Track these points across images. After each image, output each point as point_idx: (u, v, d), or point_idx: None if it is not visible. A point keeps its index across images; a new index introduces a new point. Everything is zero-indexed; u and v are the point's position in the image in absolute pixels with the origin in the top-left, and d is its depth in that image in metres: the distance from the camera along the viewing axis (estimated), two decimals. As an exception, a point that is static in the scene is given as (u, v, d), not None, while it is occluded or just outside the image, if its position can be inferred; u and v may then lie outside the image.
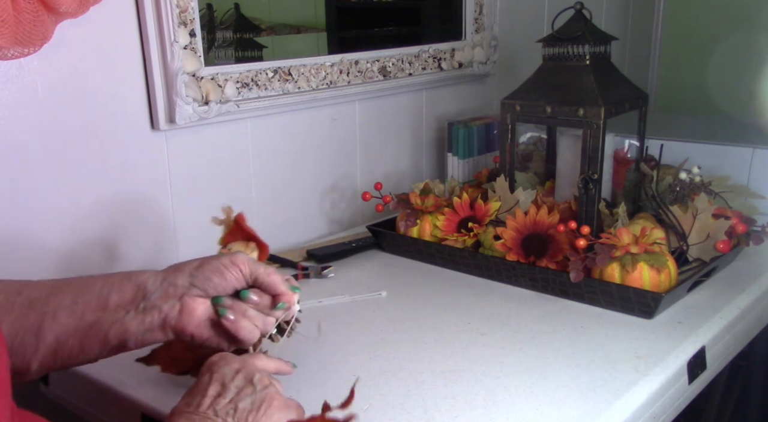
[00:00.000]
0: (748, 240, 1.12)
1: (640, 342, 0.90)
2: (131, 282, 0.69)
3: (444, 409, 0.76)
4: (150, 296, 0.69)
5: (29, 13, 0.83)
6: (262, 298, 0.72)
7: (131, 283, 0.69)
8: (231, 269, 0.70)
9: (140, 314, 0.68)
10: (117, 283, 0.69)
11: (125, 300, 0.68)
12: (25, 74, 0.95)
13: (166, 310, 0.68)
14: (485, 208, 1.17)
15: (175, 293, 0.69)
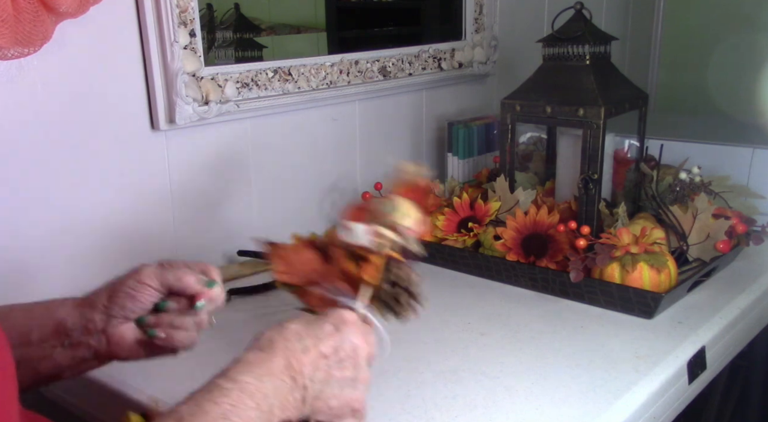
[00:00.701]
0: (748, 240, 1.12)
1: (640, 342, 0.90)
2: (50, 319, 0.68)
3: (444, 409, 0.76)
4: (72, 333, 0.68)
5: (29, 13, 0.83)
6: (181, 302, 0.70)
7: (50, 319, 0.68)
8: (140, 289, 0.68)
9: (68, 350, 0.68)
10: (36, 319, 0.68)
11: (47, 336, 0.68)
12: (25, 74, 0.95)
13: (94, 344, 0.68)
14: (485, 208, 1.17)
15: (96, 327, 0.68)
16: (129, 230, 1.09)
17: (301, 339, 0.60)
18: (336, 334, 0.62)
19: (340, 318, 0.64)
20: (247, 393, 0.53)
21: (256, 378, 0.55)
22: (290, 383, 0.57)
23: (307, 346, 0.59)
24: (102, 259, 1.07)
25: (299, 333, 0.60)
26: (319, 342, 0.60)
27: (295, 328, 0.61)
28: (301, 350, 0.59)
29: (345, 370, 0.61)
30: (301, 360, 0.59)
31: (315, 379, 0.59)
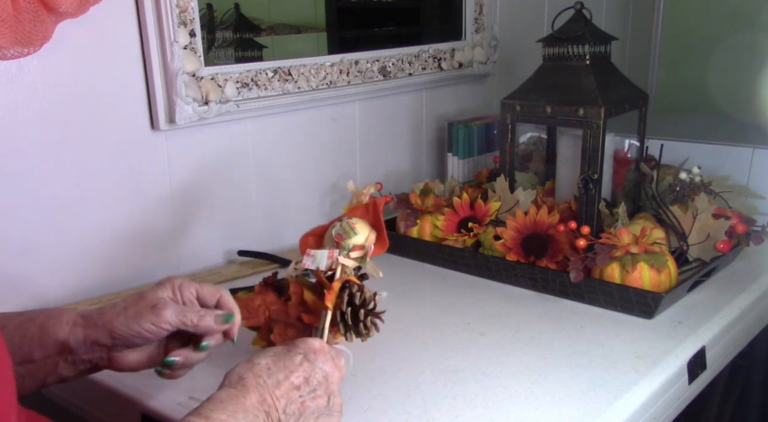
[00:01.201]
0: (748, 240, 1.12)
1: (640, 342, 0.90)
2: (51, 338, 0.67)
3: (444, 409, 0.76)
4: (76, 352, 0.68)
5: (29, 13, 0.82)
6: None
7: (51, 339, 0.67)
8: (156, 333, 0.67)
9: (71, 365, 0.68)
10: (36, 339, 0.67)
11: (49, 354, 0.67)
12: (25, 74, 0.95)
13: (98, 360, 0.68)
14: (485, 208, 1.17)
15: (101, 349, 0.68)
16: (129, 229, 1.09)
17: (272, 374, 0.60)
18: (306, 363, 0.62)
19: (309, 347, 0.64)
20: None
21: (229, 415, 0.55)
22: (264, 418, 0.57)
23: (279, 380, 0.60)
24: (102, 258, 1.07)
25: (269, 367, 0.60)
26: (291, 373, 0.61)
27: (264, 363, 0.61)
28: (273, 384, 0.59)
29: (318, 399, 0.62)
30: (274, 394, 0.59)
31: (289, 412, 0.59)
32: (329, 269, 0.77)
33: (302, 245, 0.83)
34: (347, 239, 0.79)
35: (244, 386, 0.58)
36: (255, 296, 0.80)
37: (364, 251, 0.80)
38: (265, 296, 0.81)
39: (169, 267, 1.15)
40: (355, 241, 0.79)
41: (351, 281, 0.75)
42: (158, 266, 1.14)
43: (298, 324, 0.79)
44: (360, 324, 0.74)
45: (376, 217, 0.83)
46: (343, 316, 0.74)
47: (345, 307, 0.73)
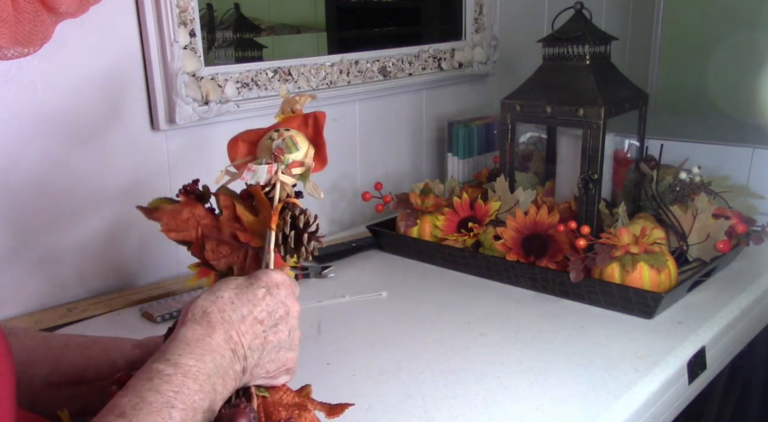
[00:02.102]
0: (748, 240, 1.12)
1: (640, 342, 0.90)
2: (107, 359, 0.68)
3: (444, 409, 0.76)
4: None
5: (29, 13, 0.82)
6: None
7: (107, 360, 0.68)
8: None
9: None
10: (94, 358, 0.68)
11: (102, 374, 0.68)
12: (25, 74, 0.95)
13: None
14: (485, 208, 1.17)
15: None
16: (129, 229, 1.09)
17: (236, 308, 0.58)
18: (269, 297, 0.60)
19: (272, 281, 0.62)
20: (190, 377, 0.52)
21: (197, 359, 0.53)
22: (230, 356, 0.56)
23: (243, 314, 0.58)
24: (102, 257, 1.07)
25: (233, 301, 0.59)
26: (254, 307, 0.59)
27: (228, 296, 0.59)
28: (238, 319, 0.58)
29: (280, 333, 0.60)
30: (239, 329, 0.57)
31: (253, 347, 0.58)
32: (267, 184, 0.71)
33: (231, 151, 0.76)
34: (288, 154, 0.72)
35: (209, 323, 0.56)
36: (182, 208, 0.73)
37: (305, 167, 0.73)
38: (193, 208, 0.73)
39: (169, 267, 1.15)
40: (296, 157, 0.73)
41: (291, 202, 0.71)
42: (159, 265, 1.14)
43: (233, 241, 0.73)
44: (302, 247, 0.70)
45: (318, 133, 0.76)
46: (285, 239, 0.69)
47: (288, 230, 0.69)
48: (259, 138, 0.75)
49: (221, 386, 0.54)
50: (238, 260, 0.70)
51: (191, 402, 0.50)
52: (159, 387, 0.50)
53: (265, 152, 0.73)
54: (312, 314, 1.01)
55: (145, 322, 1.00)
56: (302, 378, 0.84)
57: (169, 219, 0.72)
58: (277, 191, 0.70)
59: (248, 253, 0.72)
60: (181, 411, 0.49)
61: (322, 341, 0.93)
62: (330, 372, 0.86)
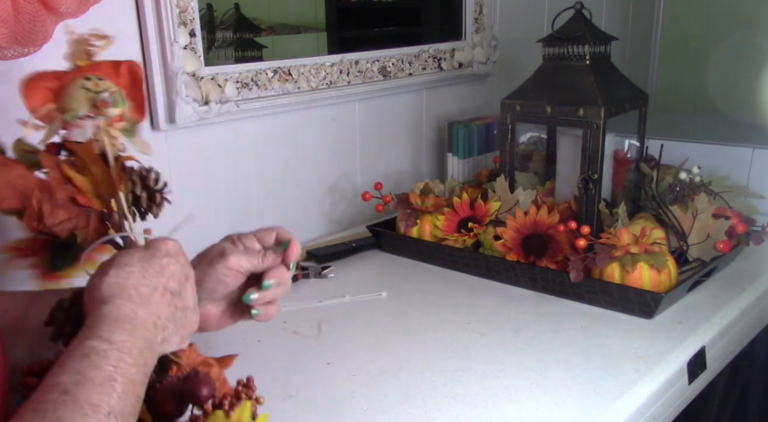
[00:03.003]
0: (748, 240, 1.12)
1: (640, 342, 0.90)
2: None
3: (444, 409, 0.76)
4: None
5: (29, 13, 0.82)
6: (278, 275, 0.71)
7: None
8: (230, 275, 0.70)
9: None
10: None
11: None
12: (25, 74, 0.94)
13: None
14: (485, 208, 1.17)
15: None
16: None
17: (148, 281, 0.59)
18: (171, 266, 0.61)
19: (171, 249, 0.62)
20: (125, 352, 0.52)
21: (129, 334, 0.54)
22: (153, 329, 0.57)
23: (155, 286, 0.59)
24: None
25: (143, 274, 0.59)
26: (162, 277, 0.60)
27: (138, 270, 0.59)
28: (151, 292, 0.58)
29: (186, 299, 0.61)
30: (157, 302, 0.58)
31: (168, 317, 0.59)
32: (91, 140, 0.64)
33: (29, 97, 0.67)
34: (112, 108, 0.65)
35: (130, 297, 0.57)
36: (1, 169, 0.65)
37: (129, 122, 0.67)
38: (11, 169, 0.65)
39: (169, 267, 1.15)
40: (117, 111, 0.66)
41: (131, 159, 0.67)
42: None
43: (69, 205, 0.66)
44: (153, 206, 0.68)
45: (136, 85, 0.69)
46: (137, 201, 0.67)
47: (140, 190, 0.66)
48: (62, 84, 0.66)
49: (150, 359, 0.56)
50: (80, 226, 0.66)
51: (129, 375, 0.51)
52: (98, 362, 0.50)
53: (80, 102, 0.65)
54: (312, 314, 1.01)
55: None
56: (302, 377, 0.84)
57: None
58: (108, 147, 0.64)
59: (90, 217, 0.66)
60: (122, 384, 0.50)
61: (322, 341, 0.93)
62: (330, 372, 0.86)
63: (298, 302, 1.05)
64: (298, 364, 0.87)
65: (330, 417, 0.76)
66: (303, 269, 1.16)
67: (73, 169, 0.66)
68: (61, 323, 0.63)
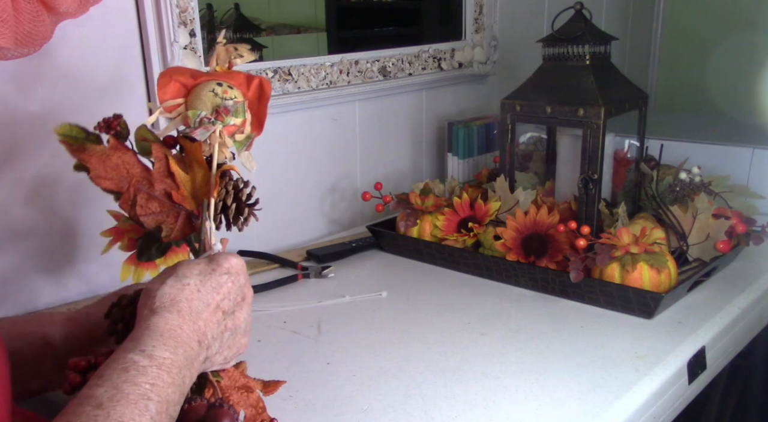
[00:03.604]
0: (748, 240, 1.12)
1: (640, 342, 0.90)
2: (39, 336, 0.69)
3: (444, 409, 0.76)
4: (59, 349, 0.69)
5: (29, 13, 0.82)
6: None
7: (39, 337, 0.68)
8: None
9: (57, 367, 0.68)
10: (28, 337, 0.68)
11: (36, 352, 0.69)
12: (25, 74, 0.95)
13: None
14: (485, 208, 1.17)
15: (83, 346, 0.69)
16: (129, 230, 1.09)
17: (201, 296, 0.58)
18: (230, 284, 0.60)
19: (233, 267, 0.62)
20: (164, 370, 0.52)
21: (171, 351, 0.53)
22: (197, 347, 0.56)
23: (208, 302, 0.58)
24: (104, 258, 1.07)
25: (199, 288, 0.59)
26: (218, 295, 0.59)
27: (194, 283, 0.59)
28: (203, 308, 0.58)
29: (237, 320, 0.61)
30: (205, 319, 0.58)
31: (215, 336, 0.58)
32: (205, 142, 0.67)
33: (162, 88, 0.70)
34: (232, 117, 0.67)
35: (179, 312, 0.57)
36: (111, 153, 0.67)
37: (246, 135, 0.69)
38: (122, 154, 0.68)
39: (169, 267, 1.15)
40: (236, 122, 0.68)
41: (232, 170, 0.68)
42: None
43: (164, 199, 0.68)
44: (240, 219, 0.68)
45: (262, 101, 0.70)
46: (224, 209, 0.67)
47: (231, 201, 0.66)
48: (195, 83, 0.69)
49: (189, 378, 0.55)
50: (168, 221, 0.66)
51: (165, 394, 0.51)
52: (135, 378, 0.50)
53: (204, 105, 0.67)
54: (312, 314, 1.01)
55: (145, 322, 0.99)
56: (302, 378, 0.84)
57: (98, 163, 0.66)
58: (216, 154, 0.66)
59: (180, 215, 0.67)
60: (157, 404, 0.49)
61: (322, 341, 0.93)
62: (330, 372, 0.86)
63: (298, 302, 1.05)
64: (298, 364, 0.87)
65: (330, 417, 0.76)
66: (303, 269, 1.16)
67: (179, 165, 0.67)
68: (116, 319, 0.64)
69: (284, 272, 1.16)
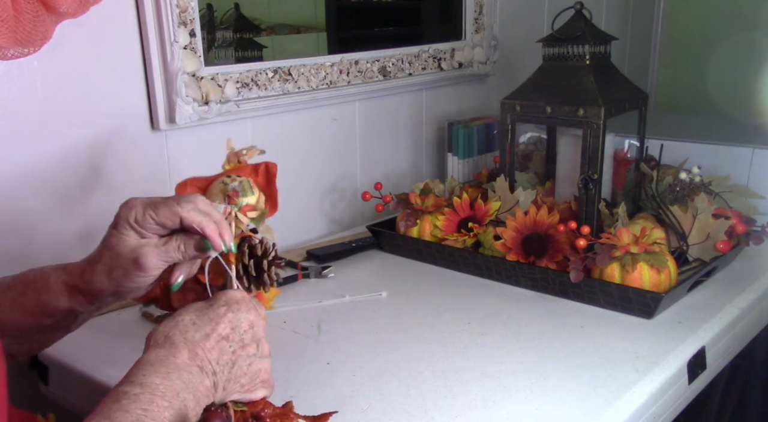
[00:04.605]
0: (748, 240, 1.12)
1: (640, 342, 0.90)
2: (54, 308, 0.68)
3: (444, 409, 0.76)
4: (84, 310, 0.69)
5: (29, 13, 0.83)
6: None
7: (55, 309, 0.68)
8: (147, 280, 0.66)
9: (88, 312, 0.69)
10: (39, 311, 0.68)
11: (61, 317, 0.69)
12: (25, 74, 0.95)
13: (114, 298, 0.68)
14: (485, 208, 1.17)
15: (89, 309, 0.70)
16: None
17: (198, 328, 0.59)
18: (230, 313, 0.61)
19: (231, 298, 0.62)
20: (158, 395, 0.52)
21: (163, 377, 0.53)
22: (198, 373, 0.56)
23: (207, 333, 0.59)
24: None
25: (194, 322, 0.59)
26: (217, 325, 0.59)
27: (189, 318, 0.59)
28: (201, 338, 0.58)
29: (248, 347, 0.61)
30: (204, 346, 0.58)
31: (222, 363, 0.58)
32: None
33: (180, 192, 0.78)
34: (242, 198, 0.74)
35: (172, 344, 0.57)
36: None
37: (259, 211, 0.76)
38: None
39: (169, 267, 1.15)
40: (249, 201, 0.75)
41: (247, 235, 0.73)
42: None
43: (196, 286, 0.74)
44: (264, 274, 0.71)
45: (270, 182, 0.79)
46: (246, 269, 0.70)
47: (248, 260, 0.70)
48: (209, 184, 0.77)
49: (192, 401, 0.55)
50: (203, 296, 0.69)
51: (161, 418, 0.50)
52: (127, 407, 0.50)
53: (218, 195, 0.74)
54: (312, 314, 1.01)
55: (145, 322, 1.00)
56: (302, 378, 0.84)
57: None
58: (233, 227, 0.71)
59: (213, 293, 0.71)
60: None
61: (322, 341, 0.93)
62: (330, 372, 0.86)
63: (298, 302, 1.05)
64: (298, 364, 0.87)
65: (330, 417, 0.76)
66: (303, 269, 1.16)
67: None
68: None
69: (284, 272, 1.16)
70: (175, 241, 0.65)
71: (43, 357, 0.93)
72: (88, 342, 0.92)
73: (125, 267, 0.64)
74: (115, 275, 0.65)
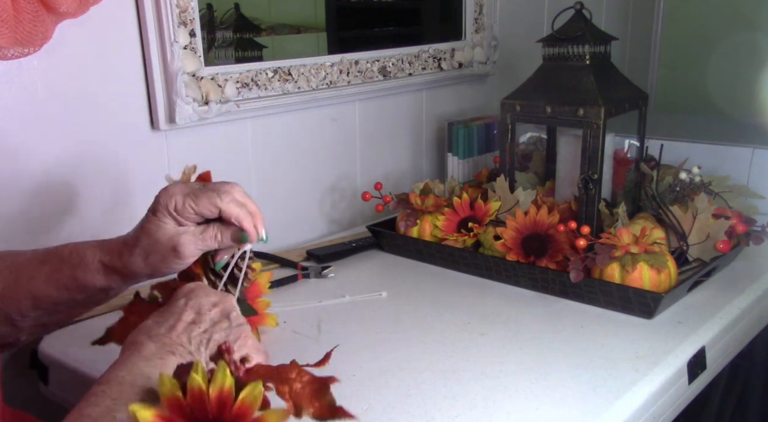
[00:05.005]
0: (748, 240, 1.12)
1: (640, 342, 0.90)
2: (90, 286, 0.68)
3: (444, 409, 0.76)
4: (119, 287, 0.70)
5: (29, 13, 0.83)
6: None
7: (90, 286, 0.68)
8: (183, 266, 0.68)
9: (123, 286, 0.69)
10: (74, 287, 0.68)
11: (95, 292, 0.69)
12: (24, 74, 0.95)
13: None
14: (485, 208, 1.17)
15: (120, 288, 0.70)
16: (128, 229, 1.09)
17: (161, 324, 0.59)
18: (190, 302, 0.61)
19: (186, 289, 0.63)
20: (126, 384, 0.51)
21: (128, 370, 0.53)
22: (172, 357, 0.56)
23: (172, 324, 0.59)
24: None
25: (156, 321, 0.59)
26: (180, 315, 0.59)
27: (151, 320, 0.60)
28: (167, 330, 0.58)
29: (220, 322, 0.61)
30: (171, 337, 0.57)
31: (195, 342, 0.58)
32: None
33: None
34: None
35: (137, 343, 0.57)
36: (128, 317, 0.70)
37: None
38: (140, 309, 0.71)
39: (169, 267, 1.15)
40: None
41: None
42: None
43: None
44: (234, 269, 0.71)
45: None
46: (216, 273, 0.70)
47: (212, 264, 0.70)
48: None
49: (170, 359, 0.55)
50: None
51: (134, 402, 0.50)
52: (96, 401, 0.50)
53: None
54: (312, 314, 1.01)
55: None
56: (302, 378, 0.84)
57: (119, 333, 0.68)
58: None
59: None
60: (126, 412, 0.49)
61: (322, 341, 0.93)
62: (330, 372, 0.85)
63: (298, 302, 1.05)
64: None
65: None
66: (303, 269, 1.16)
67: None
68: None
69: (284, 272, 1.16)
70: (213, 230, 0.66)
71: (43, 357, 0.93)
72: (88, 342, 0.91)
73: (162, 254, 0.65)
74: (151, 260, 0.66)
